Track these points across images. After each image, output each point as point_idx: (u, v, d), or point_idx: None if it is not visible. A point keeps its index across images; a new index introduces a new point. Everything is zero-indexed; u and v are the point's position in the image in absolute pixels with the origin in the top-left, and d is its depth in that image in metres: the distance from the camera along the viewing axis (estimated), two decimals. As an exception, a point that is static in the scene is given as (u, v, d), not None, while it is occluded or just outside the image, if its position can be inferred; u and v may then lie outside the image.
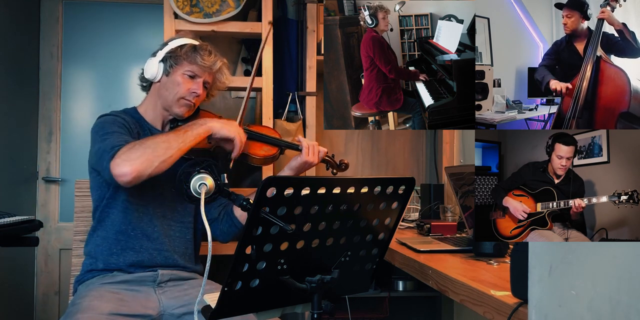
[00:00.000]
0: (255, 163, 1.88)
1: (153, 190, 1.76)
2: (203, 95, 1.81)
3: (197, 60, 1.75)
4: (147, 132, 1.79)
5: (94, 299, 1.57)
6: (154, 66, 1.77)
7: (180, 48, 1.77)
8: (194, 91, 1.76)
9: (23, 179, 2.95)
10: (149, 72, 1.78)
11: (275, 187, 1.02)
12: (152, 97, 1.82)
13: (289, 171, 1.87)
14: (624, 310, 0.69)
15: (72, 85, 3.10)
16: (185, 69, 1.76)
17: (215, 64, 1.79)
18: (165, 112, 1.81)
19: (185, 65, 1.76)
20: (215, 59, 1.79)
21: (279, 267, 1.12)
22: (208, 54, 1.78)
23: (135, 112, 1.84)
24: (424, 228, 2.06)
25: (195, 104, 1.80)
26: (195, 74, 1.77)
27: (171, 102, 1.77)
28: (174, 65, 1.76)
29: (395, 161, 3.04)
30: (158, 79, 1.78)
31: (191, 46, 1.77)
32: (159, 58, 1.77)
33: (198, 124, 1.66)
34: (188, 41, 1.80)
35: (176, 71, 1.76)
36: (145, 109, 1.84)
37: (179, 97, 1.76)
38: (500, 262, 1.42)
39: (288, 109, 2.69)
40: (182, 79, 1.76)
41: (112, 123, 1.70)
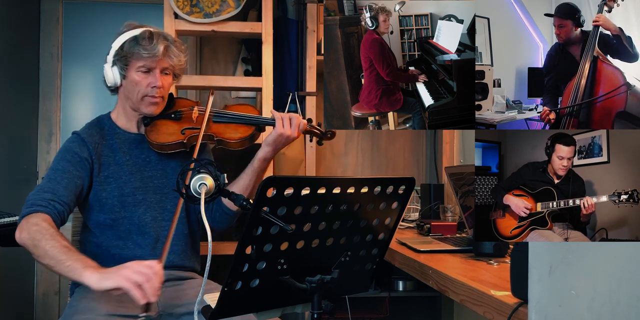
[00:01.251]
0: (233, 147, 1.80)
1: (135, 197, 1.74)
2: (167, 83, 1.75)
3: (141, 53, 1.67)
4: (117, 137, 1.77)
5: (91, 300, 1.57)
6: (109, 72, 1.72)
7: (122, 47, 1.70)
8: (153, 85, 1.70)
9: (23, 179, 2.95)
10: (108, 80, 1.74)
11: (275, 187, 1.02)
12: (120, 101, 1.79)
13: (267, 147, 1.78)
14: (624, 310, 0.69)
15: (72, 85, 3.10)
16: (136, 66, 1.70)
17: (158, 49, 1.68)
18: (135, 112, 1.77)
19: (134, 62, 1.69)
20: (157, 43, 1.69)
21: (279, 267, 1.12)
22: (148, 41, 1.68)
23: (108, 118, 1.81)
24: (424, 228, 2.06)
25: (163, 97, 1.75)
26: (148, 67, 1.70)
27: (136, 103, 1.73)
28: (125, 67, 1.70)
29: (395, 161, 3.04)
30: (119, 83, 1.74)
31: (131, 41, 1.69)
32: (110, 63, 1.72)
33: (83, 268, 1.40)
34: (127, 36, 1.71)
35: (130, 71, 1.70)
36: (117, 114, 1.81)
37: (142, 96, 1.71)
38: (500, 262, 1.42)
39: (288, 109, 2.69)
40: (138, 77, 1.70)
41: (62, 158, 1.69)
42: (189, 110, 1.81)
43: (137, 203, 1.74)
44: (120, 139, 1.77)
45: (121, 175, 1.74)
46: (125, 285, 1.33)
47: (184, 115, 1.80)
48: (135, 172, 1.76)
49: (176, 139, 1.74)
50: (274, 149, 1.78)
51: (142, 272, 1.34)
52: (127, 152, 1.77)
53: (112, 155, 1.75)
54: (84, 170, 1.69)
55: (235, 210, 1.80)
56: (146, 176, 1.77)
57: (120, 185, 1.73)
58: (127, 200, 1.73)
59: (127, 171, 1.75)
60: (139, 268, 1.35)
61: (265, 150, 1.78)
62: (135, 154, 1.77)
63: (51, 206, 1.57)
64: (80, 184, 1.68)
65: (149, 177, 1.77)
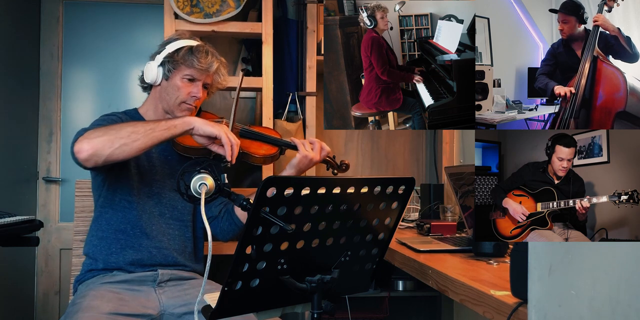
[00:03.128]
0: (256, 162, 1.87)
1: (151, 188, 1.78)
2: (204, 96, 1.84)
3: (194, 63, 1.76)
4: None
5: (94, 299, 1.58)
6: (153, 70, 1.79)
7: (177, 52, 1.77)
8: (194, 95, 1.78)
9: (23, 179, 2.95)
10: (148, 77, 1.80)
11: (275, 187, 1.02)
12: (153, 99, 1.84)
13: (290, 170, 1.86)
14: (624, 310, 0.69)
15: (72, 85, 3.10)
16: (184, 73, 1.77)
17: (212, 65, 1.79)
18: (166, 114, 1.82)
19: (183, 69, 1.77)
20: (212, 60, 1.80)
21: (279, 267, 1.12)
22: (205, 55, 1.78)
23: (135, 112, 1.86)
24: (423, 228, 2.06)
25: (196, 107, 1.82)
26: (194, 77, 1.78)
27: (172, 106, 1.79)
28: (172, 70, 1.78)
29: (395, 161, 3.04)
30: (158, 82, 1.81)
31: (188, 49, 1.78)
32: (158, 62, 1.79)
33: (179, 118, 1.64)
34: (185, 43, 1.80)
35: (175, 75, 1.78)
36: (146, 110, 1.86)
37: (180, 102, 1.78)
38: (500, 262, 1.42)
39: (288, 109, 2.69)
40: (181, 83, 1.77)
41: (105, 119, 1.74)
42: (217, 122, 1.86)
43: (152, 195, 1.79)
44: None
45: (145, 164, 1.78)
46: (225, 137, 1.59)
47: None
48: (157, 166, 1.81)
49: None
50: (297, 171, 1.85)
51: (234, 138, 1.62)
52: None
53: None
54: None
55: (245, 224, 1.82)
56: (166, 173, 1.82)
57: (141, 171, 1.78)
58: (143, 189, 1.77)
59: (150, 163, 1.80)
60: (230, 133, 1.62)
61: (289, 172, 1.86)
62: (159, 151, 1.82)
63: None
64: None
65: (167, 174, 1.82)
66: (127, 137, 1.52)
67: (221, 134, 1.59)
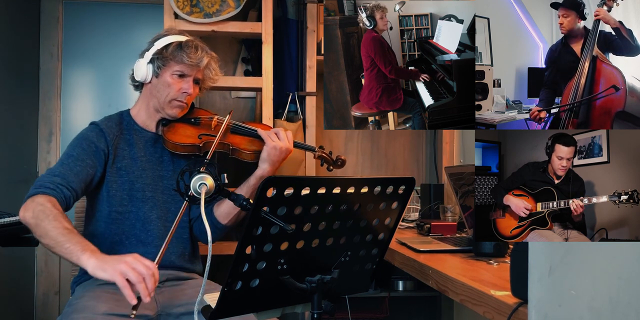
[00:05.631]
0: (246, 158, 1.83)
1: (144, 193, 1.76)
2: (195, 92, 1.80)
3: (183, 59, 1.73)
4: (135, 134, 1.80)
5: (90, 299, 1.57)
6: (143, 68, 1.76)
7: (166, 48, 1.74)
8: (184, 91, 1.75)
9: (23, 179, 2.95)
10: (138, 74, 1.77)
11: (275, 187, 1.02)
12: (144, 98, 1.82)
13: (262, 164, 1.81)
14: (624, 310, 0.69)
15: (72, 85, 3.10)
16: (174, 69, 1.74)
17: (202, 60, 1.75)
18: (158, 113, 1.80)
19: (173, 65, 1.74)
20: (202, 55, 1.75)
21: (279, 267, 1.12)
22: (194, 50, 1.74)
23: (127, 114, 1.84)
24: (424, 228, 2.06)
25: (187, 103, 1.80)
26: (184, 73, 1.75)
27: (163, 103, 1.77)
28: (162, 67, 1.75)
29: (395, 161, 3.04)
30: (148, 80, 1.78)
31: (177, 45, 1.75)
32: (147, 60, 1.76)
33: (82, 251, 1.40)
34: (174, 39, 1.77)
35: (165, 72, 1.75)
36: (137, 110, 1.84)
37: (171, 99, 1.76)
38: (500, 262, 1.42)
39: (288, 109, 2.69)
40: (171, 79, 1.75)
41: (78, 145, 1.70)
42: (208, 119, 1.86)
43: (146, 199, 1.77)
44: (137, 136, 1.80)
45: (134, 169, 1.77)
46: (119, 282, 1.29)
47: (203, 122, 1.85)
48: (148, 169, 1.79)
49: (192, 142, 1.77)
50: (269, 164, 1.81)
51: (139, 271, 1.30)
52: (142, 148, 1.79)
53: (128, 149, 1.77)
54: (98, 160, 1.71)
55: (224, 223, 1.81)
56: (157, 175, 1.80)
57: (131, 179, 1.76)
58: (136, 195, 1.75)
59: (140, 167, 1.78)
60: (136, 265, 1.32)
61: (262, 168, 1.81)
62: (150, 152, 1.80)
63: (59, 190, 1.59)
64: (92, 173, 1.69)
65: (159, 176, 1.80)
66: (45, 236, 1.47)
67: (116, 279, 1.30)
